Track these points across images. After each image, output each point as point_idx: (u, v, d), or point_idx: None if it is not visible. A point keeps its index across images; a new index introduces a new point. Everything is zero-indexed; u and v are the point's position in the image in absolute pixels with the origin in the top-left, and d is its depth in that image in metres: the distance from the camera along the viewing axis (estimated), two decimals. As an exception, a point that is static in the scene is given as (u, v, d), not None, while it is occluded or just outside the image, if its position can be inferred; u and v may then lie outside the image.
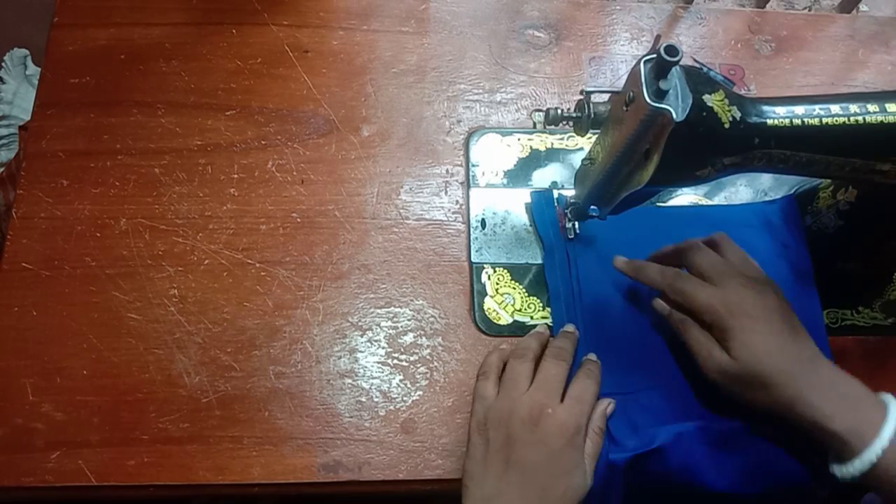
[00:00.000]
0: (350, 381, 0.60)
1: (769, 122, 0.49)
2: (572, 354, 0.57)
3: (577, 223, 0.65)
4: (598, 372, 0.57)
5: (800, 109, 0.49)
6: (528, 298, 0.63)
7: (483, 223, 0.66)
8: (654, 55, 0.45)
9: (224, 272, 0.62)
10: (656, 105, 0.45)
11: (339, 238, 0.65)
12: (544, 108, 0.72)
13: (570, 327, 0.60)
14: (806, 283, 0.64)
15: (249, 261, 0.63)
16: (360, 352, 0.61)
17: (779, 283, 0.58)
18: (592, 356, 0.59)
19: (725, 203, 0.69)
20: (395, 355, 0.61)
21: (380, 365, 0.60)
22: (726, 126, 0.48)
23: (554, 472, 0.50)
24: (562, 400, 0.54)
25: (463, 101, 0.72)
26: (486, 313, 0.62)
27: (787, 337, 0.52)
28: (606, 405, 0.57)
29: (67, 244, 0.62)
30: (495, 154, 0.69)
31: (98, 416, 0.57)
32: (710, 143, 0.49)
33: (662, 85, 0.45)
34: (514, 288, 0.64)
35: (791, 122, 0.49)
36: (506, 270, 0.64)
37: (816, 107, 0.49)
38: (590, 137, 0.67)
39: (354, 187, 0.67)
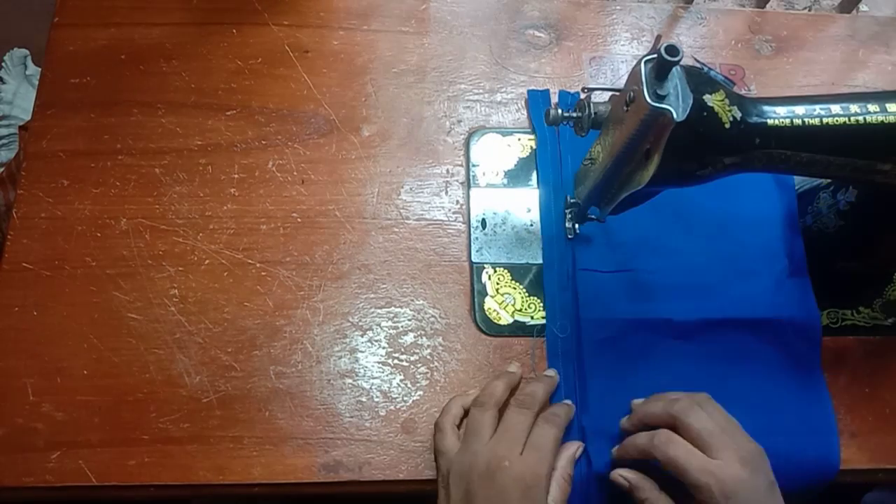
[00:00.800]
0: (350, 381, 0.60)
1: (770, 122, 0.49)
2: (542, 402, 0.56)
3: (577, 224, 0.65)
4: (565, 417, 0.55)
5: (800, 109, 0.49)
6: (528, 298, 0.63)
7: (483, 223, 0.66)
8: (655, 55, 0.45)
9: (224, 272, 0.62)
10: (657, 105, 0.45)
11: (339, 238, 0.65)
12: (545, 108, 0.71)
13: (550, 371, 0.59)
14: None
15: (250, 261, 0.63)
16: (361, 352, 0.61)
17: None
18: (567, 402, 0.58)
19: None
20: (396, 355, 0.61)
21: (380, 365, 0.60)
22: (727, 126, 0.48)
23: None
24: None
25: (463, 101, 0.72)
26: (487, 313, 0.62)
27: None
28: (575, 449, 0.55)
29: (68, 244, 0.62)
30: (496, 154, 0.69)
31: (98, 416, 0.57)
32: (710, 144, 0.49)
33: (663, 85, 0.45)
34: (515, 288, 0.64)
35: (791, 122, 0.49)
36: (506, 270, 0.64)
37: (817, 107, 0.49)
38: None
39: (355, 187, 0.67)
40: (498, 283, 0.64)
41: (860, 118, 0.49)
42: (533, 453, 0.52)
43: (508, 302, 0.63)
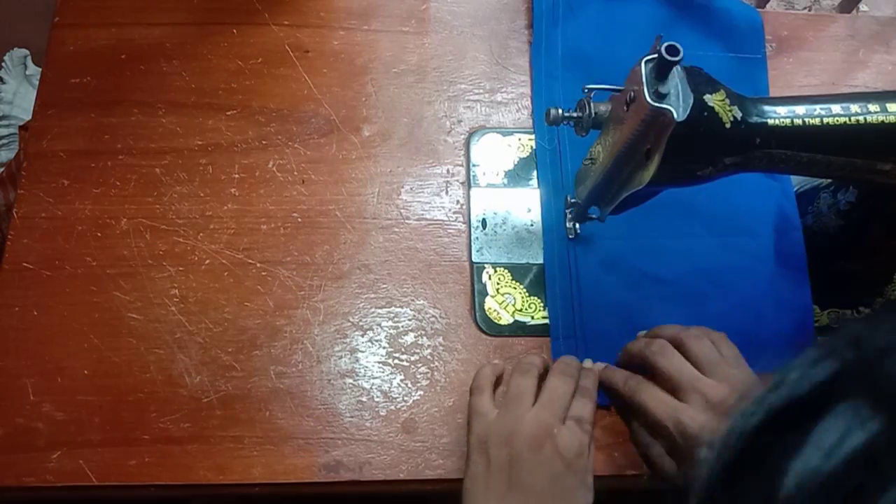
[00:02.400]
0: (351, 380, 0.60)
1: (770, 121, 0.49)
2: (579, 368, 0.56)
3: (577, 224, 0.65)
4: (595, 388, 0.55)
5: (801, 109, 0.49)
6: (528, 298, 0.63)
7: (484, 223, 0.66)
8: (655, 55, 0.45)
9: (225, 272, 0.62)
10: (657, 105, 0.45)
11: (339, 238, 0.65)
12: (545, 108, 0.71)
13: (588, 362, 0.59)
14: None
15: (250, 261, 0.63)
16: (361, 352, 0.61)
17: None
18: (588, 362, 0.58)
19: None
20: (396, 355, 0.61)
21: (381, 365, 0.60)
22: (727, 126, 0.48)
23: (556, 495, 0.49)
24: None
25: (464, 101, 0.72)
26: (487, 313, 0.62)
27: None
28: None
29: (68, 244, 0.62)
30: (496, 154, 0.69)
31: (99, 415, 0.57)
32: (711, 143, 0.49)
33: (663, 85, 0.45)
34: (515, 288, 0.64)
35: (792, 121, 0.49)
36: (506, 270, 0.64)
37: (817, 107, 0.49)
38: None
39: (355, 187, 0.67)
40: (498, 283, 0.64)
41: (860, 118, 0.49)
42: (577, 425, 0.52)
43: (509, 302, 0.63)
